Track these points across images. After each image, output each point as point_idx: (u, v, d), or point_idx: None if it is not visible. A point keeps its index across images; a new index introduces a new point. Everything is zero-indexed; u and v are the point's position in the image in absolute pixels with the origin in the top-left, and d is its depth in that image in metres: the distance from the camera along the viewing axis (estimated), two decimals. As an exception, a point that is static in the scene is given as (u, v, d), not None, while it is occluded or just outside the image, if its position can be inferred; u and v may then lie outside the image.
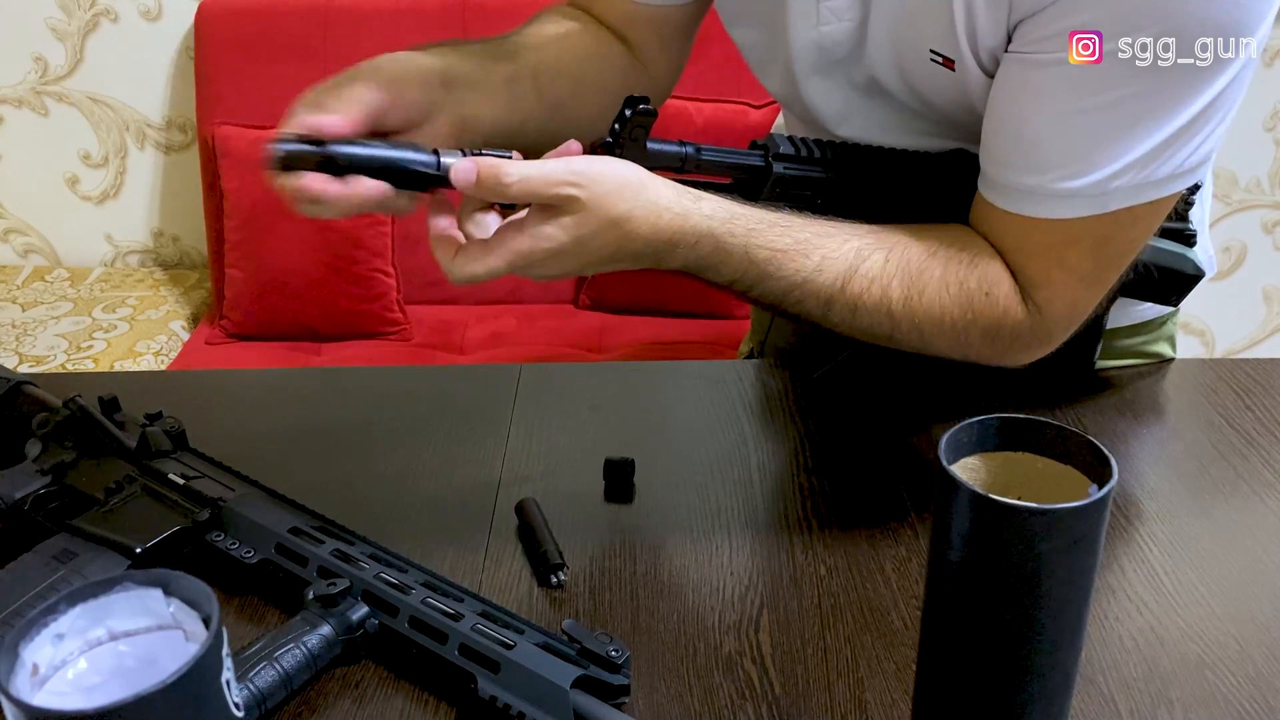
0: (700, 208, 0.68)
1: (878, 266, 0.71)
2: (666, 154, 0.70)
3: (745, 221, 0.69)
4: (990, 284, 0.73)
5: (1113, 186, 0.68)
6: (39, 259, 2.36)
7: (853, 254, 0.71)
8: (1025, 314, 0.73)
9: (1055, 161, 0.68)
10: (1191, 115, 0.66)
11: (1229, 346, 2.39)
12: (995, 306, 0.73)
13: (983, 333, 0.73)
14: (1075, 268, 0.72)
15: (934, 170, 0.79)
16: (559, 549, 0.72)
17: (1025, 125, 0.69)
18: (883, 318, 0.72)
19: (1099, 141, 0.67)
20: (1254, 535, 0.75)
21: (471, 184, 0.63)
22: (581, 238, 0.64)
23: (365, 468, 0.83)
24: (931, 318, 0.72)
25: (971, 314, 0.73)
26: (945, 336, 0.73)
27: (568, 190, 0.63)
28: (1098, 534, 0.47)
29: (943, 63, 0.73)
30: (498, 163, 0.62)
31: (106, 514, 0.70)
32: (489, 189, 0.63)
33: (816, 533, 0.75)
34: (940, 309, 0.72)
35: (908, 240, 0.73)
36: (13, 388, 0.82)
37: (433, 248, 0.65)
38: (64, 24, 2.16)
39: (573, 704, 0.56)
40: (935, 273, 0.72)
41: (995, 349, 0.75)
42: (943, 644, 0.52)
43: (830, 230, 0.72)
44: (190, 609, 0.46)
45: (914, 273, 0.72)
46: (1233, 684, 0.63)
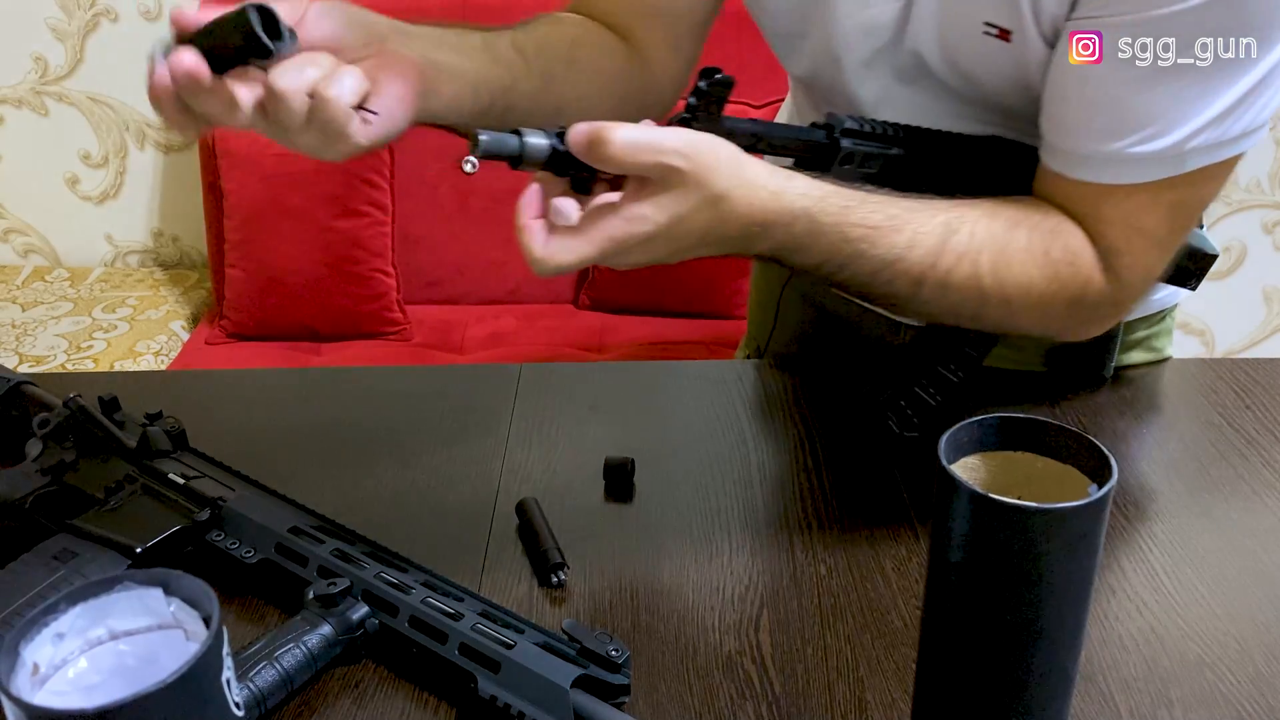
0: (794, 185, 0.65)
1: (965, 240, 0.69)
2: (741, 130, 0.67)
3: (838, 199, 0.66)
4: (1074, 253, 0.72)
5: (1190, 146, 0.67)
6: (39, 259, 2.36)
7: (941, 228, 0.69)
8: (1105, 282, 0.73)
9: (1134, 125, 0.68)
10: (1270, 66, 0.65)
11: (1229, 346, 2.39)
12: (1079, 275, 0.72)
13: (1067, 303, 0.73)
14: (1153, 232, 0.72)
15: (994, 153, 0.78)
16: (559, 549, 0.72)
17: (1101, 91, 0.68)
18: (973, 293, 0.71)
19: (1179, 101, 0.66)
20: (1254, 535, 0.75)
21: (578, 145, 0.59)
22: (679, 217, 0.60)
23: (365, 467, 0.83)
24: (1020, 289, 0.71)
25: (1058, 284, 0.72)
26: (1032, 309, 0.72)
27: (674, 160, 0.59)
28: (1098, 534, 0.47)
29: (998, 34, 0.72)
30: (601, 126, 0.58)
31: (107, 514, 0.70)
32: (591, 150, 0.58)
33: (816, 533, 0.75)
34: (1028, 280, 0.71)
35: (990, 212, 0.71)
36: (13, 388, 0.82)
37: (520, 236, 0.61)
38: (64, 24, 2.16)
39: (573, 704, 0.56)
40: (1020, 243, 0.71)
41: (1076, 320, 0.75)
42: (943, 644, 0.52)
43: (916, 205, 0.69)
44: (190, 608, 0.46)
45: (1001, 244, 0.70)
46: (1233, 684, 0.63)
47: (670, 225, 0.60)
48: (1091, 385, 0.91)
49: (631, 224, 0.60)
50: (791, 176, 0.65)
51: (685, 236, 0.61)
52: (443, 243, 2.11)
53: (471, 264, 2.12)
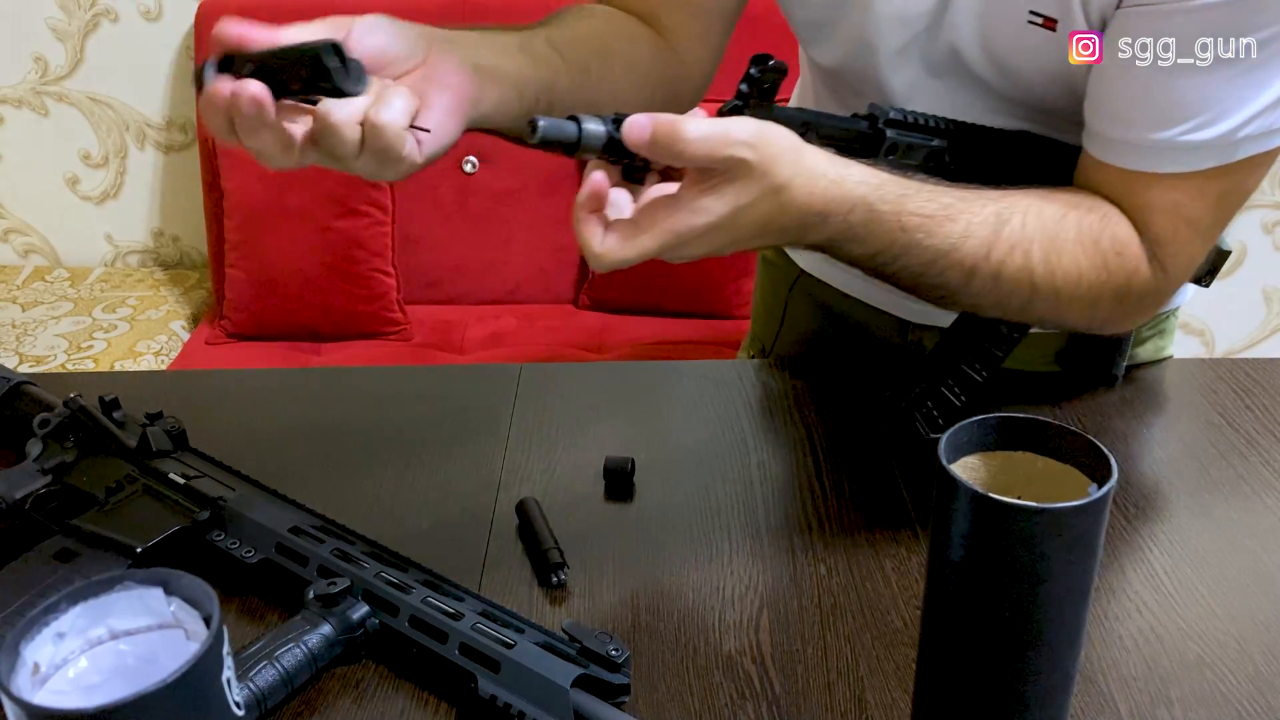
0: (852, 173, 0.64)
1: (1017, 230, 0.69)
2: (791, 119, 0.66)
3: (895, 186, 0.65)
4: (1122, 243, 0.72)
5: (1241, 135, 0.67)
6: (39, 259, 2.36)
7: (994, 217, 0.68)
8: (1150, 273, 0.73)
9: (1186, 114, 0.68)
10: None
11: (1229, 346, 2.39)
12: (1126, 265, 0.72)
13: (1114, 294, 0.73)
14: (1199, 221, 0.72)
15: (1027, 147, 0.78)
16: (559, 549, 0.72)
17: (1154, 80, 0.68)
18: (1023, 284, 0.70)
19: (1231, 89, 0.66)
20: (1254, 535, 0.75)
21: (645, 141, 0.57)
22: (740, 208, 0.59)
23: (365, 467, 0.83)
24: (1069, 280, 0.71)
25: (1106, 274, 0.71)
26: (1080, 301, 0.72)
27: (742, 152, 0.57)
28: (1097, 534, 0.47)
29: (1043, 23, 0.72)
30: (675, 121, 0.56)
31: (107, 513, 0.70)
32: (663, 147, 0.57)
33: (816, 532, 0.75)
34: (1078, 271, 0.71)
35: (1040, 201, 0.71)
36: (13, 388, 0.82)
37: (578, 230, 0.59)
38: (64, 24, 2.16)
39: (573, 703, 0.56)
40: (1070, 233, 0.70)
41: (1122, 311, 0.74)
42: (943, 643, 0.52)
43: (968, 194, 0.69)
44: (191, 608, 0.46)
45: (1051, 234, 0.70)
46: (1232, 683, 0.63)
47: (732, 216, 0.59)
48: (1102, 385, 0.91)
49: (694, 215, 0.58)
50: (848, 164, 0.64)
51: (745, 227, 0.60)
52: (443, 243, 2.11)
53: (471, 264, 2.12)
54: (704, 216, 0.58)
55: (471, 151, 2.08)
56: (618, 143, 0.57)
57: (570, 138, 0.57)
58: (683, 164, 0.58)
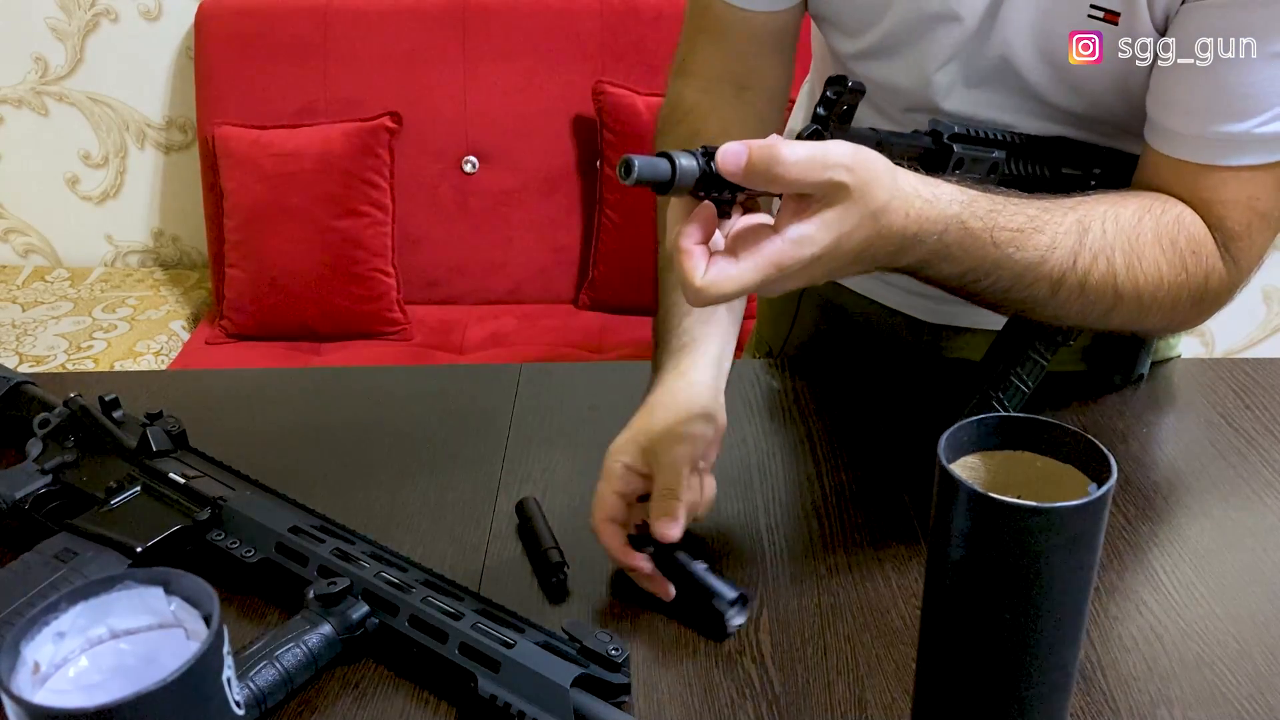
0: (942, 193, 0.62)
1: (1099, 238, 0.68)
2: (865, 138, 0.64)
3: (985, 203, 0.64)
4: (1197, 242, 0.72)
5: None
6: (39, 259, 2.36)
7: (1076, 226, 0.68)
8: (1225, 269, 0.73)
9: (1264, 105, 0.68)
10: None
11: (1229, 346, 2.39)
12: (1203, 264, 0.72)
13: (1191, 294, 0.73)
14: (1270, 213, 0.72)
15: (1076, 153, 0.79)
16: (559, 549, 0.72)
17: (1229, 72, 0.68)
18: (1107, 292, 0.69)
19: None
20: (1254, 535, 0.75)
21: (740, 168, 0.54)
22: (842, 235, 0.57)
23: (365, 468, 0.83)
24: (1151, 285, 0.70)
25: (1185, 275, 0.71)
26: (1161, 304, 0.72)
27: (840, 175, 0.55)
28: (1097, 533, 0.47)
29: (1104, 17, 0.71)
30: (773, 144, 0.54)
31: (107, 513, 0.70)
32: (760, 173, 0.54)
33: (816, 532, 0.75)
34: (1158, 275, 0.70)
35: (1115, 206, 0.70)
36: (13, 388, 0.82)
37: (679, 264, 0.56)
38: (64, 24, 2.16)
39: (573, 703, 0.56)
40: (1148, 236, 0.70)
41: (1197, 310, 0.74)
42: (943, 643, 0.52)
43: (1048, 204, 0.68)
44: (191, 607, 0.46)
45: (1131, 239, 0.69)
46: (1232, 683, 0.63)
47: (832, 245, 0.57)
48: (1128, 384, 0.91)
49: (799, 246, 0.56)
50: (938, 184, 0.63)
51: (845, 255, 0.58)
52: (443, 243, 2.11)
53: (471, 264, 2.12)
54: (808, 247, 0.56)
55: (472, 150, 2.08)
56: (711, 176, 0.56)
57: (664, 176, 0.55)
58: (780, 189, 0.56)
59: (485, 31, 2.07)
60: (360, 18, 2.06)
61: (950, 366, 0.97)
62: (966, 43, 0.79)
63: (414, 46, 2.06)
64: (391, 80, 2.06)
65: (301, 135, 1.98)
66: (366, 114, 2.00)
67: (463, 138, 2.07)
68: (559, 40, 2.07)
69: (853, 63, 0.88)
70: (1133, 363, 0.91)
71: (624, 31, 2.06)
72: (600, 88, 2.01)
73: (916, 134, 0.72)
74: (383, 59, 2.06)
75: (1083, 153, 0.80)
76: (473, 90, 2.07)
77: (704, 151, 0.56)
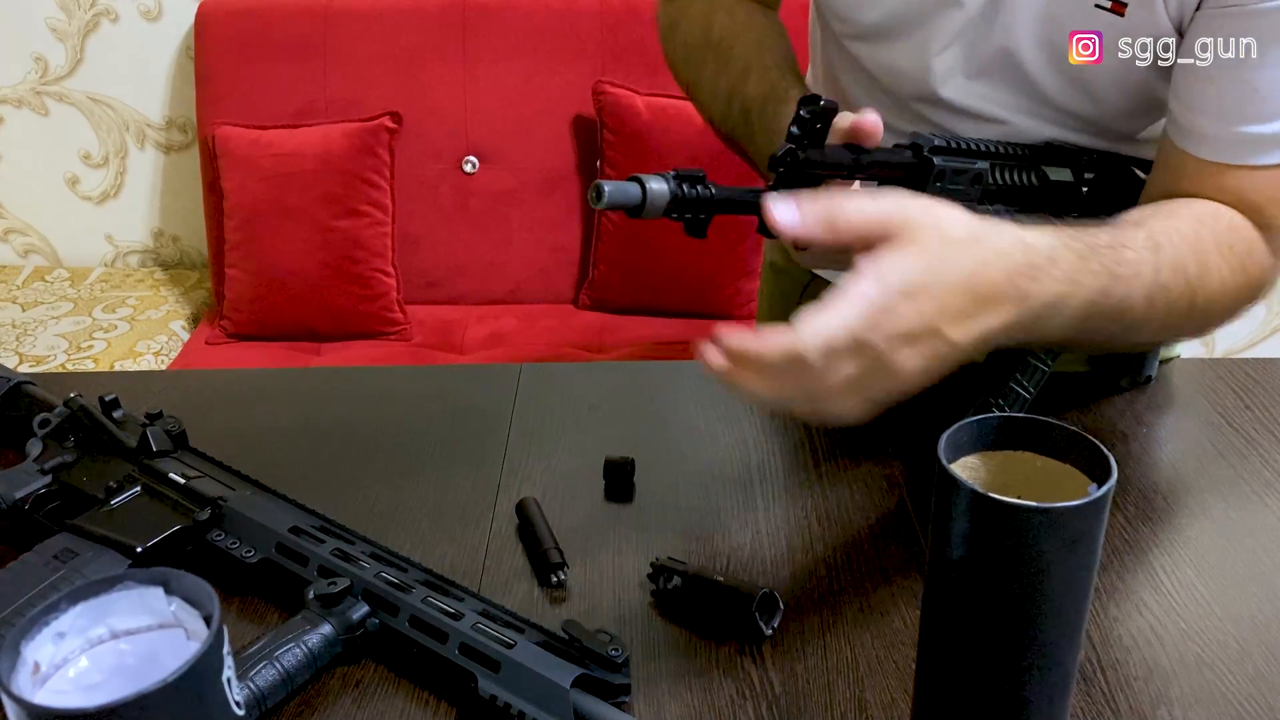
0: (1024, 231, 0.58)
1: (1172, 253, 0.66)
2: (841, 156, 0.63)
3: (1072, 233, 0.60)
4: (1250, 243, 0.72)
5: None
6: (39, 259, 2.36)
7: (1149, 243, 0.66)
8: (1274, 265, 0.73)
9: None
10: None
11: (1229, 346, 2.39)
12: (1258, 265, 0.72)
13: (1249, 295, 0.73)
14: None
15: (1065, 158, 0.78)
16: (559, 549, 0.72)
17: (1262, 75, 0.68)
18: (1184, 306, 0.68)
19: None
20: (1254, 535, 0.75)
21: (797, 225, 0.53)
22: (933, 261, 0.53)
23: (365, 468, 0.83)
24: (1220, 293, 0.70)
25: (1245, 278, 0.71)
26: (1226, 309, 0.72)
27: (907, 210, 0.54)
28: (1097, 533, 0.47)
29: (1111, 7, 0.72)
30: (827, 201, 0.53)
31: (107, 513, 0.70)
32: (826, 229, 0.54)
33: (816, 532, 0.75)
34: (1221, 282, 0.70)
35: (1169, 219, 0.69)
36: (13, 388, 0.82)
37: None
38: (64, 24, 2.16)
39: (573, 703, 0.56)
40: (1209, 244, 0.69)
41: (1246, 309, 0.74)
42: (943, 643, 0.52)
43: (1115, 227, 0.66)
44: (191, 607, 0.46)
45: (1196, 250, 0.68)
46: (1232, 683, 0.63)
47: (928, 271, 0.53)
48: (1135, 386, 0.91)
49: (887, 274, 0.53)
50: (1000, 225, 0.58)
51: (950, 287, 0.54)
52: (443, 243, 2.11)
53: (471, 264, 2.13)
54: (897, 274, 0.52)
55: (472, 150, 2.08)
56: (683, 200, 0.56)
57: (635, 200, 0.55)
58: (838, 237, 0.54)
59: (485, 31, 2.07)
60: (360, 18, 2.06)
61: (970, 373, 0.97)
62: (968, 28, 0.78)
63: (414, 46, 2.07)
64: (391, 80, 2.06)
65: (301, 135, 1.99)
66: (366, 114, 2.00)
67: (463, 138, 2.07)
68: (559, 40, 2.07)
69: (851, 44, 0.87)
70: (1140, 365, 0.90)
71: (624, 31, 2.06)
72: (600, 88, 2.01)
73: (897, 149, 0.70)
74: (383, 59, 2.06)
75: (1071, 158, 0.79)
76: (473, 90, 2.07)
77: (676, 175, 0.56)
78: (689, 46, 0.88)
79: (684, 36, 0.89)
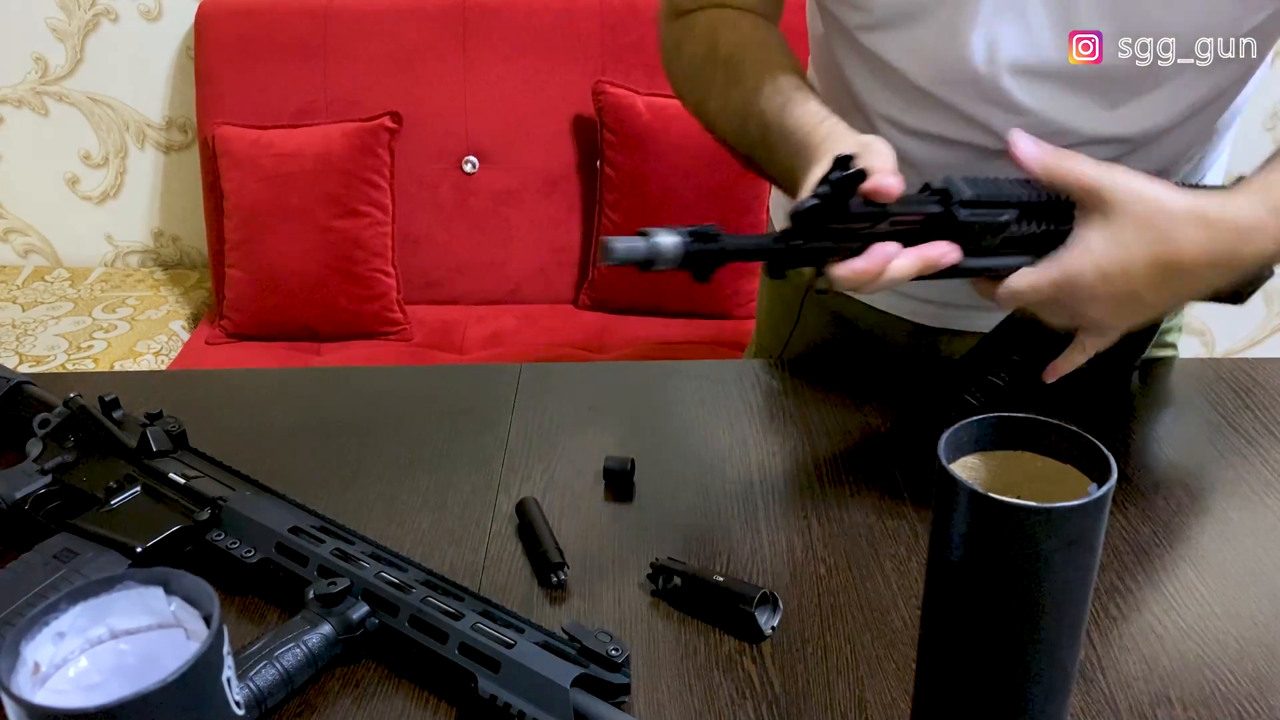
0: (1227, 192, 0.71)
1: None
2: (867, 212, 0.64)
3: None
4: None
5: None
6: (39, 259, 2.36)
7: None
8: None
9: None
10: None
11: (1229, 346, 2.39)
12: None
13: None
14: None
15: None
16: (559, 549, 0.72)
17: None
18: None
19: None
20: (1254, 535, 0.75)
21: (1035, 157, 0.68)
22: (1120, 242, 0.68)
23: (365, 467, 0.83)
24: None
25: None
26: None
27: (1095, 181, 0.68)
28: (1097, 533, 0.47)
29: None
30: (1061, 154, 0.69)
31: (107, 513, 0.70)
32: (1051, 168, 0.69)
33: (816, 532, 0.75)
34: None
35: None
36: (13, 388, 0.82)
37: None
38: (64, 24, 2.16)
39: (573, 703, 0.56)
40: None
41: None
42: (943, 643, 0.52)
43: None
44: (191, 607, 0.46)
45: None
46: (1232, 683, 0.63)
47: (1109, 253, 0.67)
48: (1121, 382, 0.91)
49: (1077, 258, 0.69)
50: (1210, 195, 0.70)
51: (1137, 265, 0.67)
52: (443, 243, 2.11)
53: (471, 264, 2.13)
54: (1083, 255, 0.67)
55: (472, 150, 2.08)
56: (695, 255, 0.57)
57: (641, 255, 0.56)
58: (1053, 183, 0.68)
59: (485, 31, 2.07)
60: (360, 18, 2.06)
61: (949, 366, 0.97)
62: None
63: (414, 46, 2.07)
64: (391, 80, 2.06)
65: (301, 135, 1.99)
66: (366, 114, 2.00)
67: (463, 138, 2.07)
68: (559, 40, 2.07)
69: (865, 36, 0.83)
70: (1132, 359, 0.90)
71: (624, 31, 2.06)
72: (600, 88, 2.01)
73: (924, 197, 0.69)
74: (383, 59, 2.06)
75: None
76: (473, 90, 2.08)
77: (691, 232, 0.57)
78: (696, 64, 0.88)
79: (689, 54, 0.89)
